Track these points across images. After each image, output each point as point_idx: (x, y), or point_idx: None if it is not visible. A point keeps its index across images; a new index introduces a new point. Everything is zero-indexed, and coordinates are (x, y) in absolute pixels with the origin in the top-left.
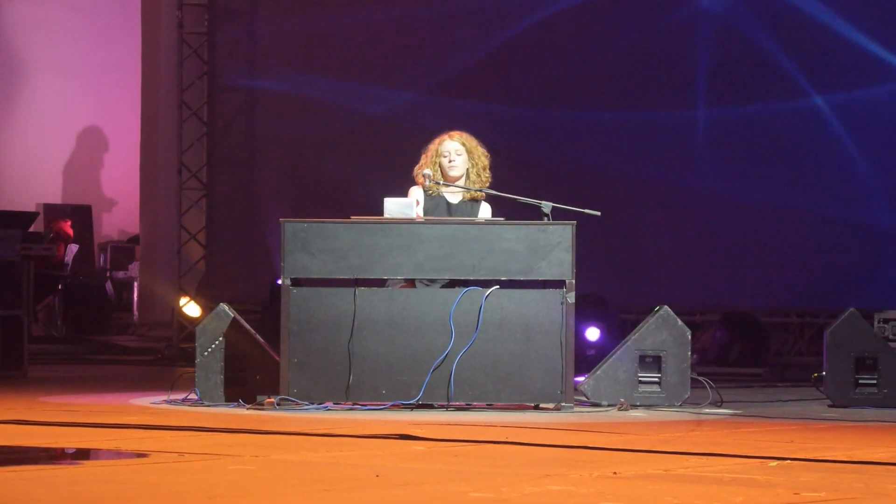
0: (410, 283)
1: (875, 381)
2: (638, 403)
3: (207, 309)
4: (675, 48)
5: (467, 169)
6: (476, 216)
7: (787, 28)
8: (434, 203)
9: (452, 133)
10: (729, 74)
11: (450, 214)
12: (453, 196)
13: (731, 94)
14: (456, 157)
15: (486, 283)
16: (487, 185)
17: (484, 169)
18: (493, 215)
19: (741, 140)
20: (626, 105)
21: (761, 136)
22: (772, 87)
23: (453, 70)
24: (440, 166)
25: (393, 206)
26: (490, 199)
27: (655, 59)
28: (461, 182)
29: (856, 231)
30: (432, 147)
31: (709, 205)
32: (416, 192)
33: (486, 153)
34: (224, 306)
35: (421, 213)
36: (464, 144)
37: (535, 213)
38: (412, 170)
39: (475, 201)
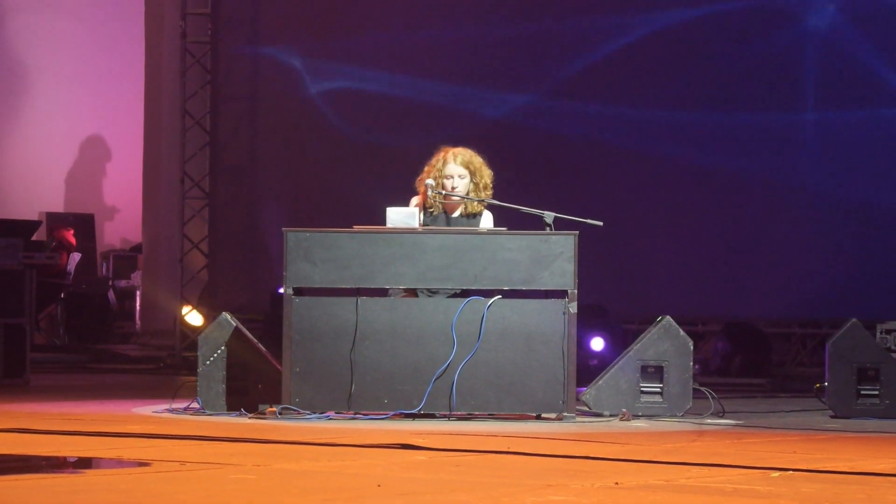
0: (411, 293)
1: (877, 392)
2: (640, 413)
3: (210, 318)
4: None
5: (468, 188)
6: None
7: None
8: (433, 219)
9: (456, 151)
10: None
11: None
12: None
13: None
14: (459, 181)
15: (488, 293)
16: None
17: (485, 187)
18: (496, 225)
19: (748, 150)
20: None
21: (756, 145)
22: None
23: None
24: (443, 186)
25: (395, 216)
26: (493, 209)
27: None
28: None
29: (858, 241)
30: (437, 162)
31: (711, 215)
32: (414, 203)
33: (490, 171)
34: (226, 315)
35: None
36: (467, 166)
37: (538, 223)
38: (416, 181)
39: (474, 216)
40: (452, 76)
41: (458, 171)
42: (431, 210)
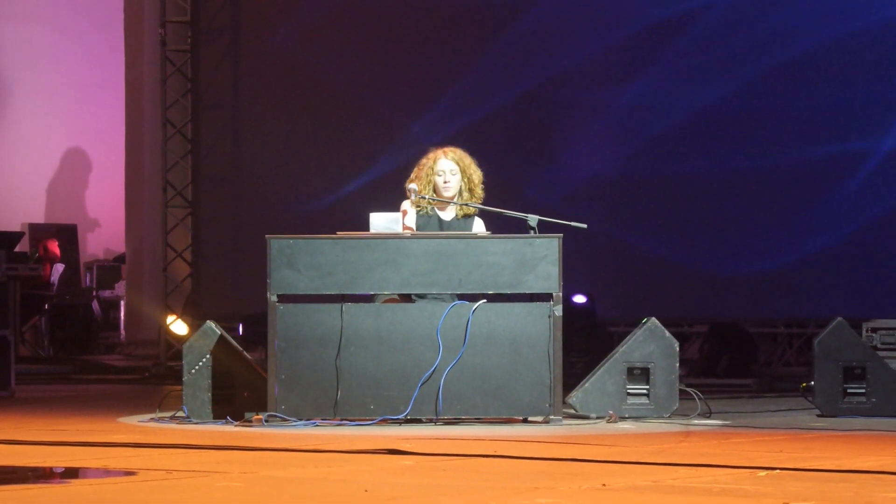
0: (405, 297)
1: (863, 391)
2: (626, 415)
3: (194, 327)
4: None
5: (460, 186)
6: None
7: None
8: (426, 221)
9: (447, 150)
10: None
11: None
12: (446, 213)
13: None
14: (451, 176)
15: (473, 297)
16: (479, 201)
17: (475, 186)
18: (486, 230)
19: (733, 148)
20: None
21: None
22: None
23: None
24: (434, 184)
25: (379, 221)
26: (479, 213)
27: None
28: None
29: (844, 240)
30: (426, 162)
31: (695, 216)
32: (406, 207)
33: (479, 170)
34: (211, 324)
35: (413, 226)
36: (458, 163)
37: (522, 227)
38: (406, 183)
39: (468, 217)
40: (440, 83)
41: (449, 167)
42: (422, 212)
